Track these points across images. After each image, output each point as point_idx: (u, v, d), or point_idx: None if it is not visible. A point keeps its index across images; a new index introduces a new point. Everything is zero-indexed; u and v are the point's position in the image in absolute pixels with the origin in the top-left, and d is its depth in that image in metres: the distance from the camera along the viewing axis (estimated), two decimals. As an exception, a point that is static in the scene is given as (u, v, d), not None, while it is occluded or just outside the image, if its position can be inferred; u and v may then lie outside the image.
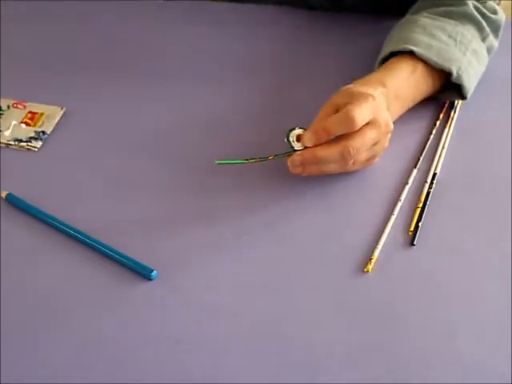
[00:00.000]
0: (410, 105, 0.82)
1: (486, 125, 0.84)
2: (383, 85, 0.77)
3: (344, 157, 0.71)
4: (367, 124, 0.71)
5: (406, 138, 0.80)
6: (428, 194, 0.74)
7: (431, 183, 0.75)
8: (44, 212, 0.72)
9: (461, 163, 0.78)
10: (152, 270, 0.66)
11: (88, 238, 0.69)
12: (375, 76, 0.79)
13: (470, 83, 0.83)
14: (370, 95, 0.72)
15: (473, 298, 0.64)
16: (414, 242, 0.69)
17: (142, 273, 0.66)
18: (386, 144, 0.75)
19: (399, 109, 0.80)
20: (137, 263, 0.67)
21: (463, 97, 0.84)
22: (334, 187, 0.75)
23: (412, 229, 0.70)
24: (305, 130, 0.72)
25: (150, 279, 0.66)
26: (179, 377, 0.58)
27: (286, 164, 0.73)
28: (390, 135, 0.75)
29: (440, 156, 0.79)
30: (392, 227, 0.71)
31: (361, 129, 0.71)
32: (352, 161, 0.72)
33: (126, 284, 0.66)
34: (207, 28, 1.00)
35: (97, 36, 0.99)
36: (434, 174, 0.76)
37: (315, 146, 0.71)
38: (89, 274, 0.67)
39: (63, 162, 0.80)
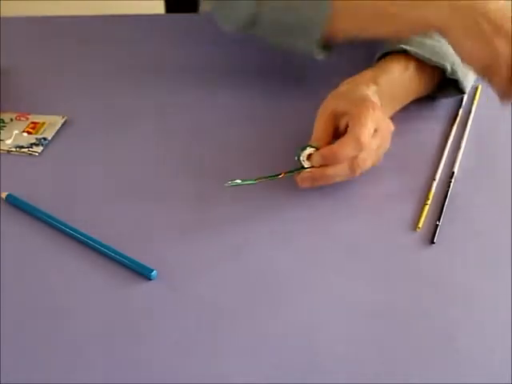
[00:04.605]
0: (404, 103, 0.82)
1: (486, 125, 0.84)
2: (375, 83, 0.77)
3: (353, 169, 0.72)
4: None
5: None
6: (446, 191, 0.74)
7: (449, 182, 0.76)
8: (44, 212, 0.72)
9: (463, 162, 0.79)
10: (152, 270, 0.66)
11: (88, 238, 0.69)
12: (367, 74, 0.79)
13: (465, 77, 0.83)
14: (371, 104, 0.72)
15: (473, 298, 0.64)
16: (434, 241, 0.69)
17: (142, 273, 0.66)
18: (388, 145, 0.75)
19: (393, 106, 0.80)
20: (137, 263, 0.66)
21: (462, 91, 0.84)
22: (336, 189, 0.74)
23: (420, 226, 0.70)
24: (315, 148, 0.72)
25: (150, 279, 0.66)
26: (179, 377, 0.58)
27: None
28: (390, 136, 0.75)
29: (457, 155, 0.79)
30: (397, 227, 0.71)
31: None
32: (359, 170, 0.73)
33: (126, 284, 0.66)
34: (206, 39, 1.01)
35: (97, 49, 1.00)
36: (452, 173, 0.77)
37: None
38: (89, 274, 0.67)
39: (63, 165, 0.80)
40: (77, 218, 0.71)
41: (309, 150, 0.72)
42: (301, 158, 0.72)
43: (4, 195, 0.74)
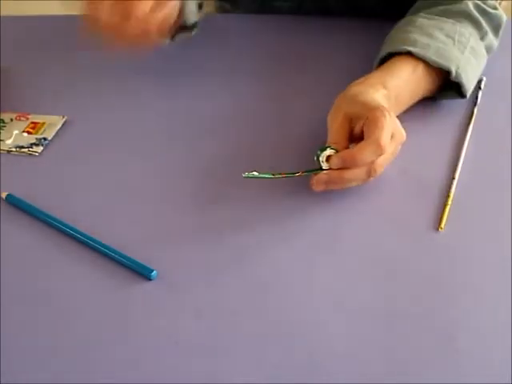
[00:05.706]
0: (409, 104, 0.82)
1: (487, 125, 0.84)
2: (384, 86, 0.77)
3: (369, 175, 0.72)
4: None
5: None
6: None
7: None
8: (44, 212, 0.72)
9: (464, 164, 0.79)
10: (152, 270, 0.66)
11: (88, 238, 0.69)
12: (376, 76, 0.79)
13: (468, 81, 0.83)
14: (386, 109, 0.72)
15: (473, 298, 0.64)
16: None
17: (142, 273, 0.66)
18: (397, 151, 0.75)
19: (398, 109, 0.80)
20: (137, 263, 0.67)
21: (463, 95, 0.84)
22: (340, 191, 0.74)
23: (443, 226, 0.70)
24: (335, 150, 0.72)
25: (150, 279, 0.66)
26: (178, 377, 0.58)
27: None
28: (401, 144, 0.75)
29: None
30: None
31: None
32: (375, 175, 0.73)
33: (126, 284, 0.66)
34: (212, 38, 1.01)
35: (98, 48, 1.00)
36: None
37: None
38: (89, 274, 0.67)
39: (63, 165, 0.80)
40: (77, 217, 0.71)
41: (329, 152, 0.72)
42: (320, 159, 0.72)
43: (4, 195, 0.74)
